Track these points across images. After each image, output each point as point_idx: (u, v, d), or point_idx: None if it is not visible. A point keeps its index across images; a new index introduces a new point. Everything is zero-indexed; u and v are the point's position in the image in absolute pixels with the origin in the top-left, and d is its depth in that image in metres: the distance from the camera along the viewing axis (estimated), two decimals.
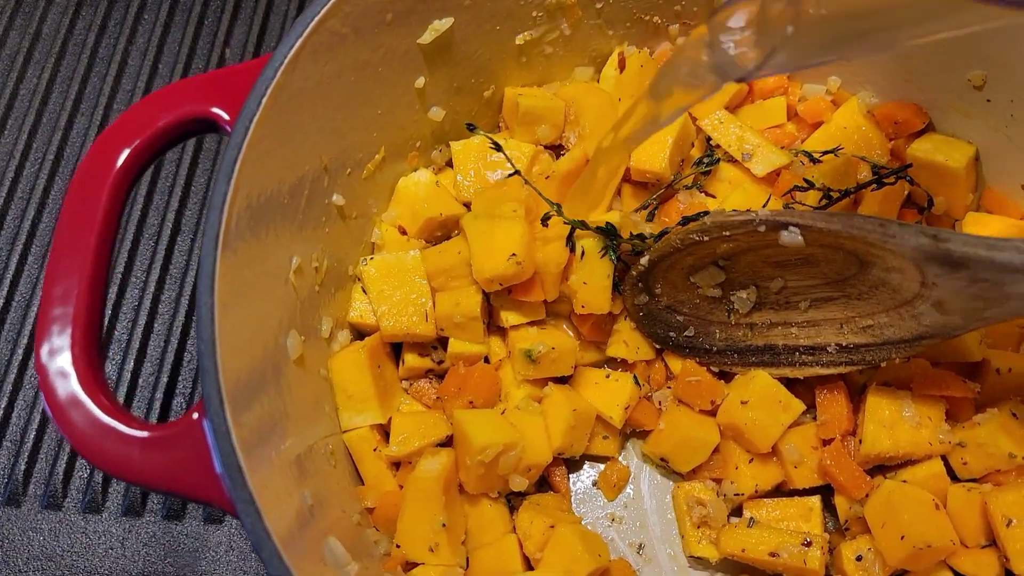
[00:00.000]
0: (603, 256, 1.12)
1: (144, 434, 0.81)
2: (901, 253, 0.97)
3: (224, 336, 0.84)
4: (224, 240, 0.86)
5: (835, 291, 1.09)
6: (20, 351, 1.38)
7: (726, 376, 1.20)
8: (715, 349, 1.18)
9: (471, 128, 1.10)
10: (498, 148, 1.13)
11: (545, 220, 1.11)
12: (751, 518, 1.12)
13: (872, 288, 1.05)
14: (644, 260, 1.14)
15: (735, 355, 1.17)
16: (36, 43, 1.63)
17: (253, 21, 1.64)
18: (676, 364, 1.20)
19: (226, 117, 0.93)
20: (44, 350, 0.84)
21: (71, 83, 1.59)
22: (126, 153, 0.90)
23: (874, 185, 1.12)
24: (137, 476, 0.80)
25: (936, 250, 0.94)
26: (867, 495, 1.09)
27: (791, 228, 1.04)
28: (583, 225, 1.12)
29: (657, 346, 1.21)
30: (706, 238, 1.09)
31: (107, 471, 0.80)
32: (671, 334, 1.19)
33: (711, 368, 1.19)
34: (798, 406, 1.12)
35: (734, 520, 1.15)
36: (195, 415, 0.81)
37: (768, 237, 1.06)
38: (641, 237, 1.14)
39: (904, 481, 1.08)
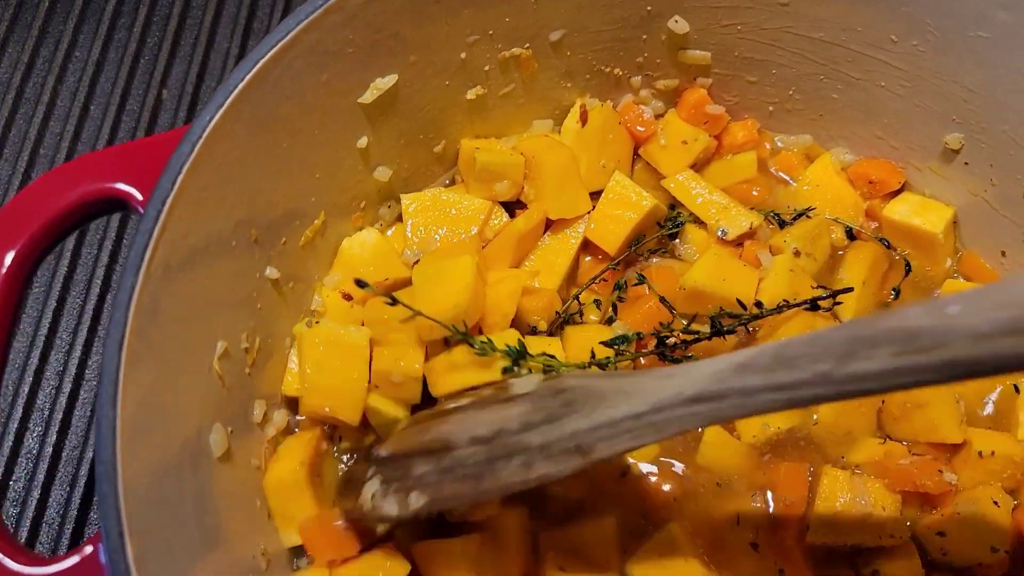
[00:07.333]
0: None
1: (34, 571, 0.71)
2: None
3: (129, 449, 0.75)
4: (130, 340, 0.77)
5: None
6: None
7: None
8: None
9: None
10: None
11: (505, 372, 0.97)
12: None
13: None
14: None
15: None
16: None
17: (192, 59, 1.53)
18: None
19: (138, 196, 0.84)
20: None
21: None
22: (11, 256, 0.79)
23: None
24: None
25: None
26: None
27: None
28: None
29: None
30: None
31: None
32: None
33: None
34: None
35: None
36: (88, 548, 0.71)
37: None
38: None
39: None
